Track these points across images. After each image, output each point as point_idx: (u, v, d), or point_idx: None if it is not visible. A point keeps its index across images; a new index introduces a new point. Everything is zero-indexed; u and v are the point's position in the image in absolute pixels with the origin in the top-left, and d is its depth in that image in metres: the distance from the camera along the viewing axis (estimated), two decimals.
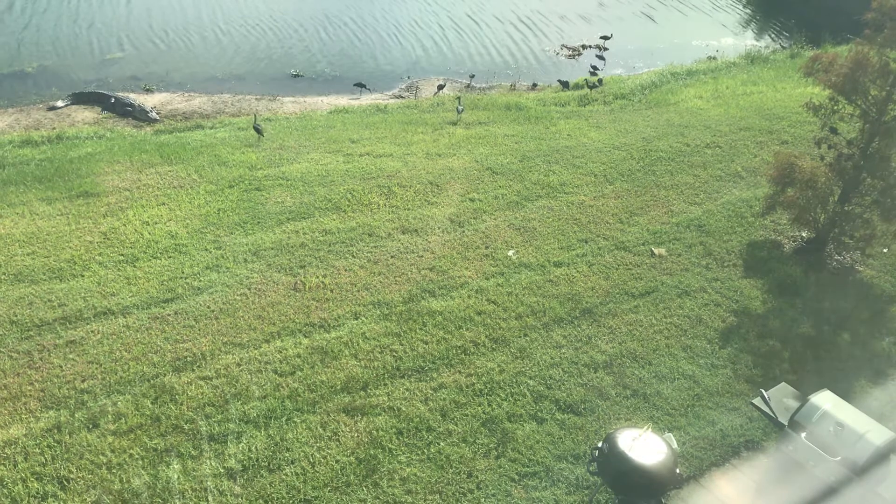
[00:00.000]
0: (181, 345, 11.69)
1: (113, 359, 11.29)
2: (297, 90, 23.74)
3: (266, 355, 11.61)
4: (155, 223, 14.64)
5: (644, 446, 8.44)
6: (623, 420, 11.04)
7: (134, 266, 13.37)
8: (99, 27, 26.26)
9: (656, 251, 15.02)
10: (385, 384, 11.30)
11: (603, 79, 25.11)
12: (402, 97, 23.87)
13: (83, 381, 10.85)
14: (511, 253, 14.61)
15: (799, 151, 16.70)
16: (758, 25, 35.27)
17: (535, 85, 25.47)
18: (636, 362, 12.18)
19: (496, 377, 11.60)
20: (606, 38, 29.58)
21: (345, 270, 13.73)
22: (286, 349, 11.76)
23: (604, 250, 14.93)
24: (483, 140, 19.45)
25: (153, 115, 20.48)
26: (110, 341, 11.62)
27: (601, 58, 28.47)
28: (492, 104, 22.30)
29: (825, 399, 10.04)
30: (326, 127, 19.87)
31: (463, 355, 11.99)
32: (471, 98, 22.89)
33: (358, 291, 13.20)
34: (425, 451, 10.30)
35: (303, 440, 10.27)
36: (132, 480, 9.48)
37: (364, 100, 23.23)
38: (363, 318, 12.58)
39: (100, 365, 11.16)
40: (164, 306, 12.47)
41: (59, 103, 20.85)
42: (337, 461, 10.03)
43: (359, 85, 23.63)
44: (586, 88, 24.31)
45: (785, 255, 15.31)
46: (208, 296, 12.78)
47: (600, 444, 8.79)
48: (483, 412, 10.97)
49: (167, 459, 9.81)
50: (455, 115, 21.09)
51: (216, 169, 16.85)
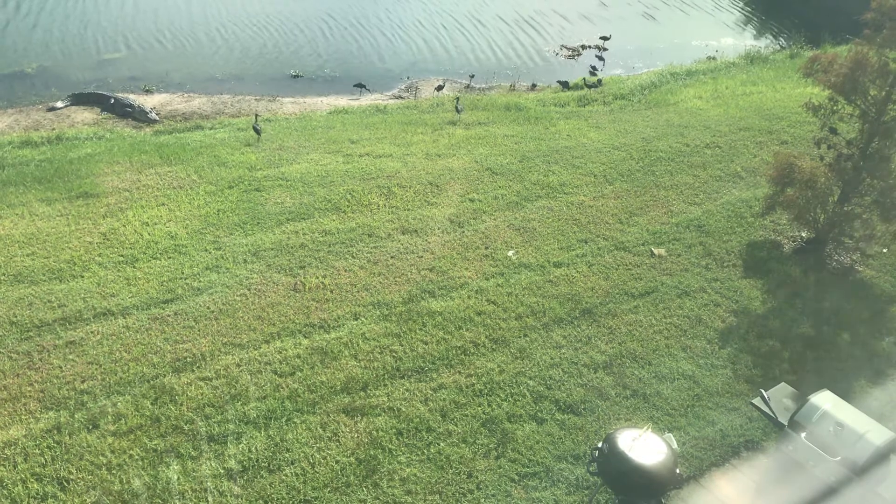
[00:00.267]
0: (181, 345, 11.68)
1: (113, 359, 11.29)
2: (297, 91, 23.73)
3: (266, 356, 11.61)
4: (154, 224, 14.64)
5: (644, 446, 8.43)
6: (623, 420, 11.05)
7: (134, 267, 13.37)
8: (99, 27, 26.22)
9: (656, 251, 15.02)
10: (385, 385, 11.30)
11: (602, 79, 25.13)
12: (402, 97, 23.87)
13: (83, 382, 10.84)
14: (511, 253, 14.61)
15: (798, 151, 16.71)
16: (757, 25, 35.29)
17: (535, 85, 25.48)
18: (636, 362, 12.18)
19: (496, 377, 11.60)
20: (606, 39, 29.58)
21: (344, 271, 13.73)
22: (286, 350, 11.76)
23: (603, 250, 14.94)
24: (483, 140, 19.45)
25: (153, 116, 20.47)
26: (110, 342, 11.62)
27: (600, 58, 28.49)
28: (491, 104, 22.30)
29: (825, 399, 10.04)
30: (326, 127, 19.87)
31: (463, 356, 11.99)
32: (470, 98, 22.90)
33: (358, 292, 13.20)
34: (425, 452, 10.30)
35: (303, 441, 10.27)
36: (132, 481, 9.48)
37: (364, 100, 23.24)
38: (363, 319, 12.58)
39: (99, 366, 11.15)
40: (164, 307, 12.47)
41: (59, 104, 20.84)
42: (337, 462, 10.03)
43: (359, 85, 23.63)
44: (585, 88, 24.32)
45: (784, 256, 15.31)
46: (208, 296, 12.78)
47: (600, 445, 8.78)
48: (483, 412, 10.97)
49: (167, 460, 9.81)
50: (454, 115, 21.10)
51: (216, 169, 16.85)
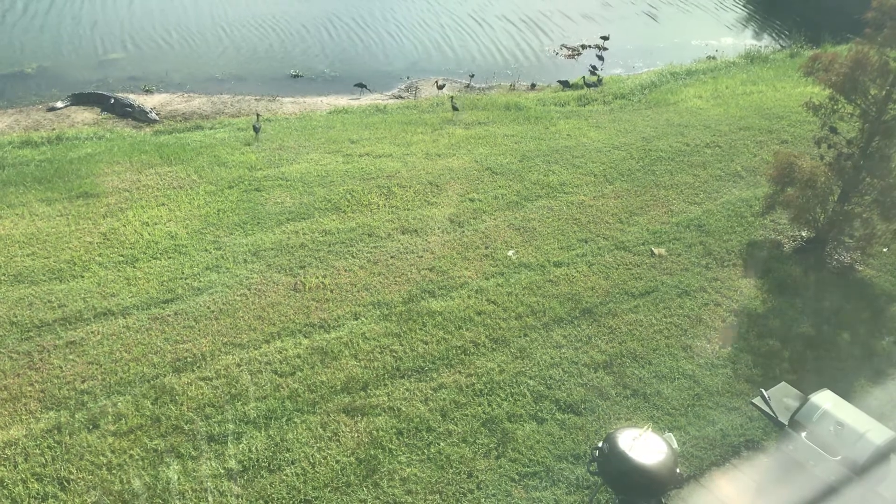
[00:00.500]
0: (181, 345, 11.69)
1: (113, 359, 11.29)
2: (297, 90, 23.73)
3: (266, 356, 11.61)
4: (155, 224, 14.64)
5: (644, 446, 8.44)
6: (623, 420, 11.04)
7: (134, 267, 13.37)
8: (100, 27, 26.21)
9: (656, 251, 15.02)
10: (385, 384, 11.30)
11: (602, 78, 25.11)
12: (402, 97, 23.86)
13: (83, 382, 10.85)
14: (511, 253, 14.60)
15: (798, 151, 16.71)
16: (757, 25, 35.27)
17: (534, 85, 25.46)
18: (636, 362, 12.18)
19: (496, 377, 11.60)
20: (606, 38, 29.58)
21: (345, 271, 13.73)
22: (286, 350, 11.76)
23: (604, 250, 14.93)
24: (483, 140, 19.45)
25: (153, 116, 20.47)
26: (110, 342, 11.62)
27: (600, 57, 28.47)
28: (491, 104, 22.30)
29: (825, 398, 10.04)
30: (326, 127, 19.87)
31: (463, 355, 11.99)
32: (470, 98, 22.89)
33: (358, 292, 13.20)
34: (425, 452, 10.30)
35: (303, 440, 10.27)
36: (132, 481, 9.48)
37: (364, 100, 23.23)
38: (363, 319, 12.58)
39: (100, 366, 11.16)
40: (164, 307, 12.47)
41: (59, 104, 20.84)
42: (337, 461, 10.03)
43: (359, 85, 23.63)
44: (585, 88, 24.32)
45: (785, 255, 15.31)
46: (208, 296, 12.78)
47: (600, 444, 8.79)
48: (483, 412, 10.97)
49: (167, 460, 9.81)
50: (452, 114, 21.09)
51: (216, 169, 16.85)
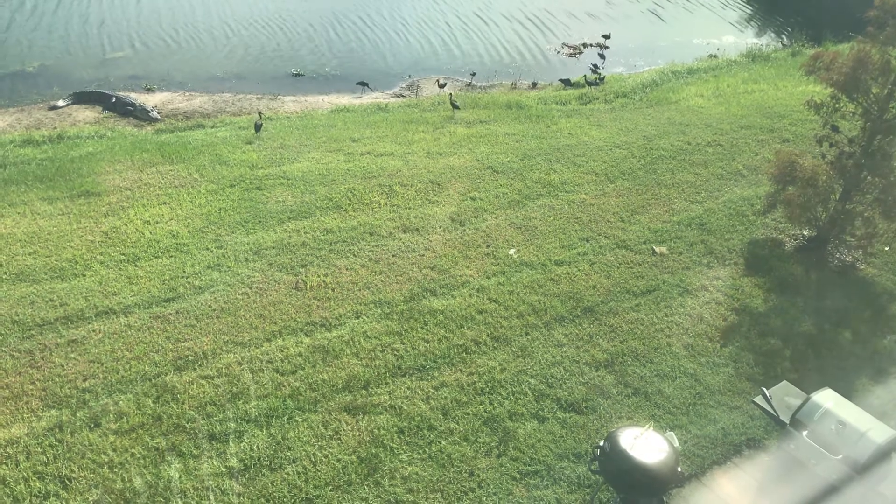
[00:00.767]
0: (182, 344, 11.69)
1: (114, 358, 11.30)
2: (298, 89, 23.73)
3: (267, 354, 11.62)
4: (156, 222, 14.65)
5: (646, 445, 8.43)
6: (625, 418, 11.04)
7: (135, 265, 13.38)
8: (103, 26, 26.23)
9: (657, 249, 15.01)
10: (386, 383, 11.30)
11: (604, 77, 25.09)
12: (403, 96, 23.86)
13: (85, 381, 10.86)
14: (512, 252, 14.60)
15: (800, 150, 16.69)
16: (759, 23, 35.23)
17: (535, 84, 25.44)
18: (637, 361, 12.17)
19: (497, 376, 11.60)
20: (607, 37, 29.55)
21: (346, 269, 13.73)
22: (287, 348, 11.77)
23: (605, 249, 14.93)
24: (484, 139, 19.44)
25: (154, 115, 20.48)
26: (112, 340, 11.63)
27: (602, 56, 28.44)
28: (493, 103, 22.29)
29: (827, 397, 10.04)
30: (327, 126, 19.87)
31: (464, 354, 11.99)
32: (472, 96, 22.88)
33: (359, 290, 13.20)
34: (427, 450, 10.30)
35: (304, 439, 10.28)
36: (134, 479, 9.49)
37: (365, 99, 23.23)
38: (364, 317, 12.58)
39: (101, 364, 11.17)
40: (166, 305, 12.48)
41: (60, 103, 20.86)
42: (338, 460, 10.03)
43: (361, 84, 23.62)
44: (587, 86, 24.30)
45: (786, 254, 15.30)
46: (210, 295, 12.79)
47: (602, 443, 8.78)
48: (484, 411, 10.97)
49: (169, 458, 9.82)
50: (451, 111, 21.10)
51: (217, 168, 16.86)
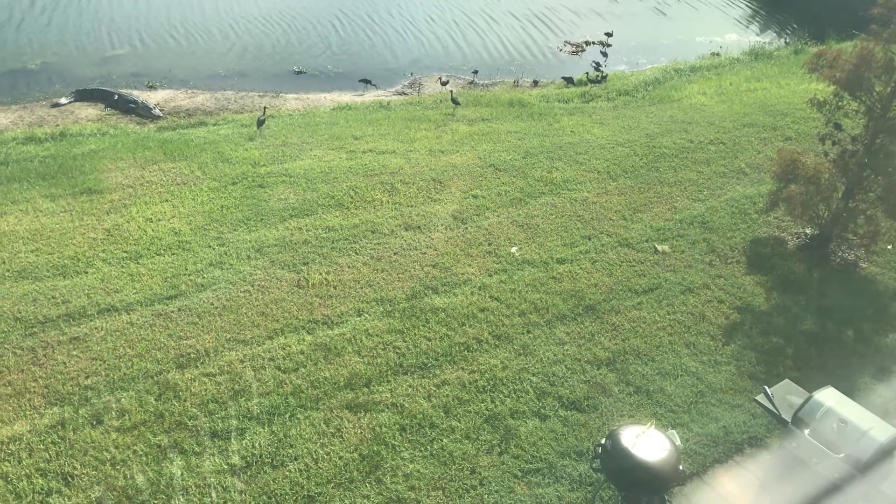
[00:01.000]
0: (184, 341, 11.71)
1: (116, 355, 11.32)
2: (300, 87, 23.72)
3: (269, 352, 11.63)
4: (158, 220, 14.66)
5: (647, 443, 8.43)
6: (626, 417, 11.04)
7: (137, 263, 13.39)
8: (105, 24, 26.21)
9: (660, 248, 15.00)
10: (388, 381, 11.31)
11: (606, 75, 25.05)
12: (406, 93, 23.85)
13: (87, 378, 10.87)
14: (514, 250, 14.60)
15: (803, 148, 16.67)
16: (762, 21, 35.17)
17: (537, 82, 25.42)
18: (639, 359, 12.17)
19: (499, 374, 11.60)
20: (609, 35, 29.53)
21: (348, 267, 13.73)
22: (289, 346, 11.78)
23: (607, 247, 14.92)
24: (486, 137, 19.43)
25: (156, 112, 20.49)
26: (114, 338, 11.65)
27: (604, 54, 28.40)
28: (495, 100, 22.27)
29: (829, 396, 10.03)
30: (329, 124, 19.87)
31: (466, 352, 11.99)
32: (474, 94, 22.87)
33: (361, 288, 13.20)
34: (428, 448, 10.31)
35: (306, 437, 10.28)
36: (136, 477, 9.50)
37: (367, 96, 23.22)
38: (366, 315, 12.59)
39: (103, 361, 11.18)
40: (168, 303, 12.49)
41: (63, 100, 20.87)
42: (340, 457, 10.04)
43: (364, 81, 23.59)
44: (588, 84, 24.29)
45: (788, 252, 15.28)
46: (212, 292, 12.80)
47: (603, 441, 8.79)
48: (486, 409, 10.97)
49: (171, 456, 9.83)
50: (451, 108, 21.10)
51: (219, 166, 16.86)
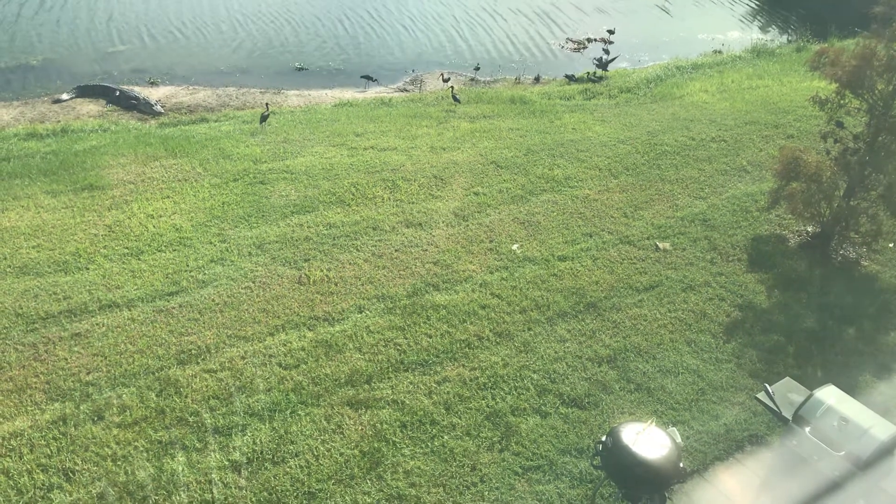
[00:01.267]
0: (186, 338, 11.72)
1: (118, 351, 11.33)
2: (302, 83, 23.70)
3: (270, 348, 11.64)
4: (160, 216, 14.67)
5: (648, 440, 8.43)
6: (627, 414, 11.05)
7: (139, 259, 13.40)
8: (108, 20, 26.20)
9: (661, 245, 14.99)
10: (389, 377, 11.32)
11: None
12: (407, 90, 23.83)
13: (88, 374, 10.89)
14: (515, 247, 14.60)
15: (804, 146, 16.63)
16: (764, 19, 35.11)
17: (539, 79, 25.37)
18: (640, 356, 12.17)
19: (500, 371, 11.61)
20: (612, 32, 29.49)
21: (349, 264, 13.74)
22: (290, 342, 11.79)
23: (608, 244, 14.92)
24: (487, 134, 19.42)
25: (158, 109, 20.48)
26: (115, 334, 11.66)
27: (606, 51, 28.35)
28: (496, 97, 22.25)
29: (829, 394, 10.02)
30: (331, 120, 19.86)
31: (467, 349, 12.00)
32: (475, 91, 22.84)
33: (362, 285, 13.21)
34: (429, 445, 10.32)
35: (307, 433, 10.30)
36: (137, 472, 9.52)
37: (368, 93, 23.20)
38: (367, 312, 12.60)
39: (105, 357, 11.20)
40: (169, 299, 12.51)
41: (64, 96, 20.87)
42: (341, 454, 10.06)
43: (366, 77, 23.56)
44: (588, 81, 24.27)
45: (790, 250, 15.27)
46: (213, 289, 12.81)
47: (604, 438, 8.79)
48: (487, 406, 10.98)
49: (172, 452, 9.85)
50: (452, 104, 21.08)
51: (220, 162, 16.86)
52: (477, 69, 25.40)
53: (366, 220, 15.03)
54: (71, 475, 9.45)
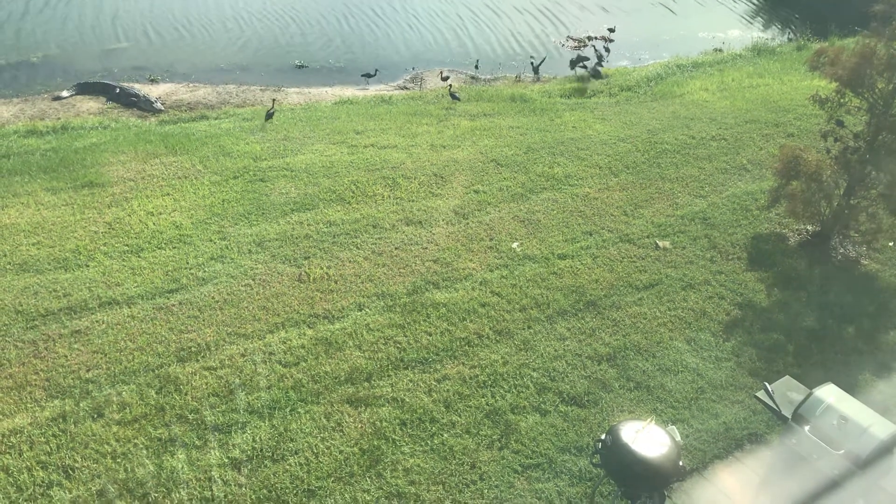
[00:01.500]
0: (186, 335, 11.72)
1: (118, 349, 11.34)
2: (302, 81, 23.65)
3: (270, 346, 11.65)
4: (160, 214, 14.66)
5: (647, 439, 8.44)
6: (626, 412, 11.06)
7: (139, 256, 13.41)
8: (109, 17, 26.14)
9: (661, 244, 15.00)
10: (389, 375, 11.32)
11: (600, 70, 24.97)
12: (407, 88, 23.80)
13: (88, 371, 10.89)
14: (515, 245, 14.60)
15: (805, 144, 16.63)
16: (764, 17, 35.07)
17: (539, 77, 25.33)
18: (640, 355, 12.18)
19: (500, 369, 11.61)
20: (612, 31, 29.46)
21: (349, 262, 13.74)
22: (290, 340, 11.79)
23: (608, 243, 14.92)
24: (488, 132, 19.41)
25: (158, 106, 20.47)
26: (115, 331, 11.66)
27: (607, 49, 28.32)
28: (497, 95, 22.24)
29: (829, 392, 10.03)
30: (331, 118, 19.85)
31: (467, 347, 12.00)
32: (476, 89, 22.82)
33: (362, 283, 13.21)
34: (429, 443, 10.33)
35: (307, 431, 10.31)
36: (137, 470, 9.53)
37: (369, 91, 23.17)
38: (367, 310, 12.60)
39: (104, 355, 11.20)
40: (169, 297, 12.51)
41: (64, 93, 20.85)
42: (341, 452, 10.07)
43: (367, 75, 23.51)
44: (589, 78, 24.26)
45: (790, 249, 15.27)
46: (213, 286, 12.81)
47: (604, 437, 8.79)
48: (486, 404, 10.99)
49: (172, 449, 9.86)
50: (450, 102, 21.06)
51: (221, 160, 16.86)
52: (477, 68, 25.31)
53: (366, 218, 15.03)
54: (71, 472, 9.46)
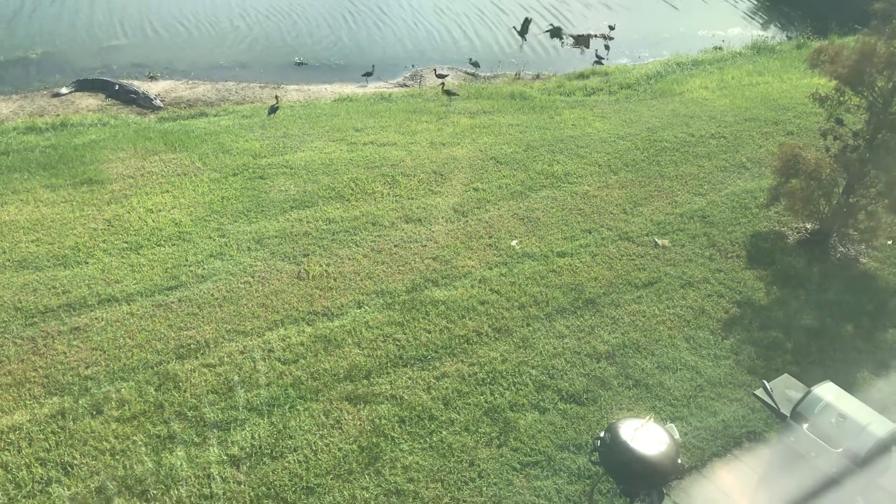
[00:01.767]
0: (185, 332, 11.72)
1: (117, 346, 11.33)
2: (301, 78, 23.63)
3: (269, 343, 11.64)
4: (159, 211, 14.65)
5: (646, 436, 8.44)
6: (625, 410, 11.06)
7: (138, 253, 13.40)
8: (110, 13, 26.09)
9: (660, 242, 15.00)
10: (388, 373, 11.33)
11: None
12: (407, 86, 23.78)
13: (87, 368, 10.89)
14: (514, 243, 14.60)
15: (804, 143, 16.63)
16: (764, 15, 35.05)
17: (538, 75, 25.33)
18: (639, 353, 12.18)
19: (499, 367, 11.62)
20: (612, 28, 29.46)
21: (348, 259, 13.74)
22: (289, 337, 11.79)
23: (607, 241, 14.92)
24: (487, 129, 19.40)
25: (157, 103, 20.45)
26: (114, 328, 11.66)
27: (607, 47, 28.33)
28: (496, 93, 22.21)
29: (827, 390, 10.05)
30: (330, 115, 19.83)
31: (465, 345, 12.00)
32: (475, 87, 22.80)
33: (361, 280, 13.21)
34: (427, 440, 10.33)
35: (306, 428, 10.31)
36: (135, 467, 9.53)
37: (368, 88, 23.15)
38: (366, 307, 12.60)
39: (103, 352, 11.20)
40: (168, 294, 12.50)
41: (64, 90, 20.83)
42: (339, 449, 10.07)
43: (367, 74, 23.45)
44: (591, 77, 24.29)
45: (789, 247, 15.28)
46: (212, 284, 12.80)
47: (602, 434, 8.80)
48: (485, 401, 10.99)
49: (170, 446, 9.86)
50: (448, 99, 21.06)
51: (220, 157, 16.84)
52: (476, 66, 25.23)
53: (365, 216, 15.02)
54: (69, 469, 9.46)
